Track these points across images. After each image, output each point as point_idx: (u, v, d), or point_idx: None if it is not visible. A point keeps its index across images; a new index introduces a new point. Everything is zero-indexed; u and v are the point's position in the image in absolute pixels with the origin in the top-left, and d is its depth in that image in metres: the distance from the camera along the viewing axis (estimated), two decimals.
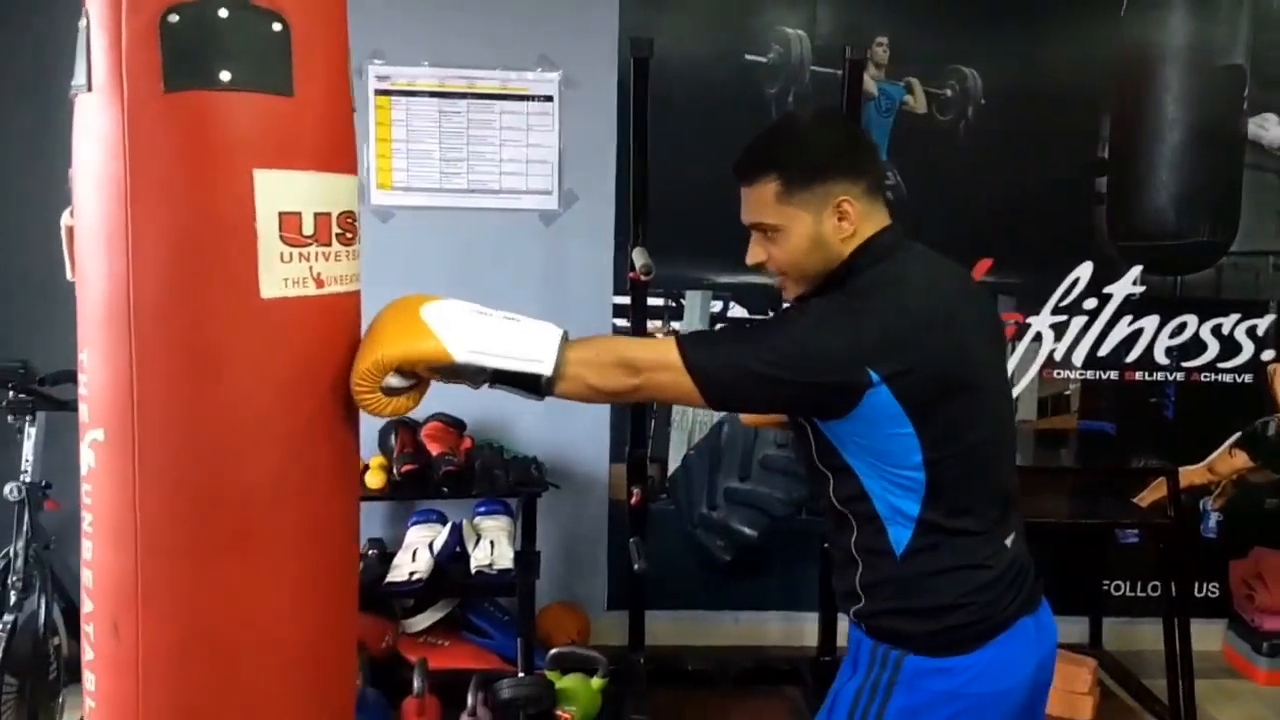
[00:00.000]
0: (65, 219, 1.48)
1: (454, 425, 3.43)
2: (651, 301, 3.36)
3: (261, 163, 1.31)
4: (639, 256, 2.95)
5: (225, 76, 1.28)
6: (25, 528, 2.71)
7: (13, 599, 2.67)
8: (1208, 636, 3.70)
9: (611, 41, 3.48)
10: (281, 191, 1.33)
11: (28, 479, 2.72)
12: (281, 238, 1.33)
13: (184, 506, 1.34)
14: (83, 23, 1.32)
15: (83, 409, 1.39)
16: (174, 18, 1.26)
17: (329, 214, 1.39)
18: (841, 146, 1.61)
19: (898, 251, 1.58)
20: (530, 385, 1.45)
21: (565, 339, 1.46)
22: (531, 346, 1.43)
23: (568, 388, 1.46)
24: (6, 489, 2.71)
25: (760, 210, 1.61)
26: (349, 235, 1.43)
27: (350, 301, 1.46)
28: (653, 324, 3.53)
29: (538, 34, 3.48)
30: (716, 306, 3.63)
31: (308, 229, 1.36)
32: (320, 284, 1.38)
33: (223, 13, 1.28)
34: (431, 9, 3.45)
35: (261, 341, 1.34)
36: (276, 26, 1.31)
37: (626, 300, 3.33)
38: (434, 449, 3.23)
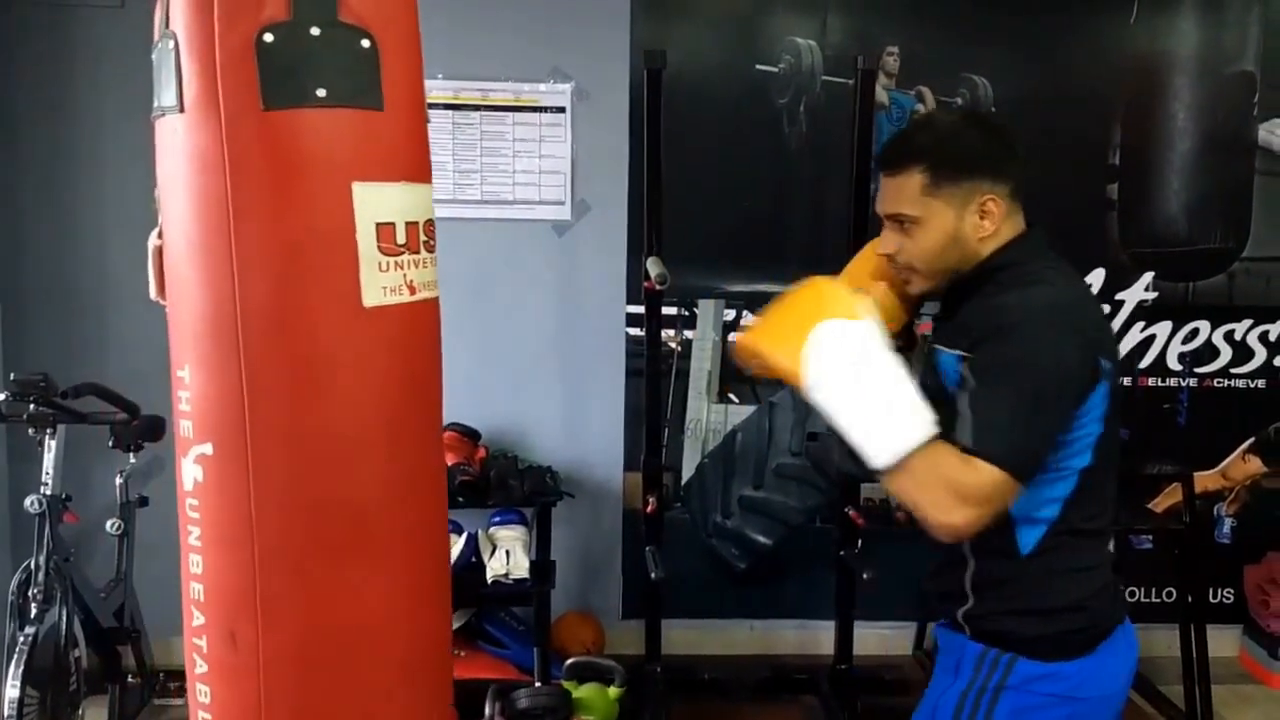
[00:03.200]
0: (153, 239, 1.48)
1: (469, 435, 3.45)
2: (664, 311, 3.37)
3: (358, 175, 1.36)
4: (653, 266, 2.96)
5: (321, 93, 1.32)
6: (46, 540, 2.72)
7: (34, 611, 2.68)
8: (1223, 642, 3.69)
9: (623, 53, 3.50)
10: (377, 203, 1.38)
11: (48, 492, 2.73)
12: (379, 247, 1.38)
13: (299, 514, 1.39)
14: (168, 44, 1.34)
15: (184, 425, 1.41)
16: (269, 37, 1.30)
17: (417, 223, 1.45)
18: (991, 145, 1.60)
19: (1048, 251, 1.60)
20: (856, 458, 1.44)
21: (920, 447, 1.39)
22: (880, 435, 1.40)
23: (892, 486, 1.43)
24: (27, 502, 2.72)
25: (901, 201, 1.59)
26: (431, 242, 1.49)
27: (435, 306, 1.53)
28: (666, 333, 3.55)
29: (550, 46, 3.51)
30: (729, 315, 3.64)
31: (400, 238, 1.41)
32: (413, 290, 1.44)
33: (315, 31, 1.32)
34: (444, 23, 3.47)
35: (365, 349, 1.40)
36: (365, 43, 1.35)
37: (640, 310, 3.34)
38: (449, 459, 3.24)
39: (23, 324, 3.46)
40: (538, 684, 3.01)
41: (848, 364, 1.41)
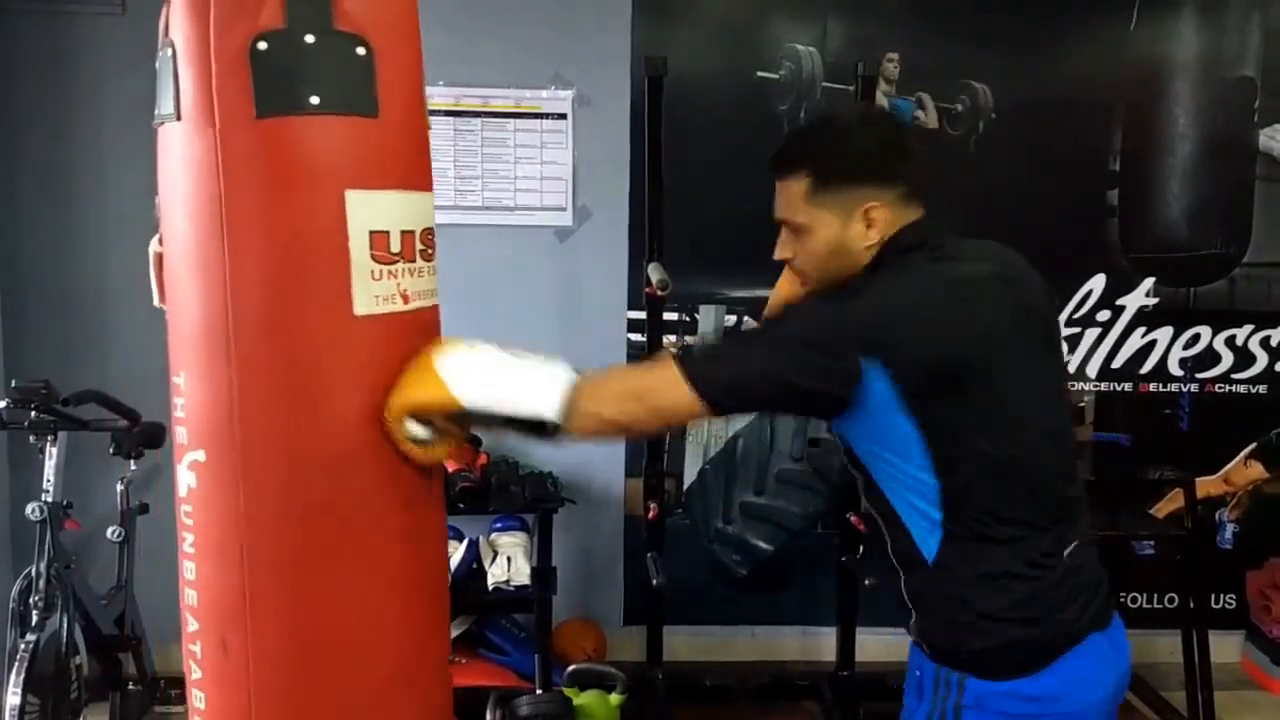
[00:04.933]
0: (154, 246, 1.48)
1: (470, 441, 3.44)
2: (666, 316, 3.37)
3: (352, 183, 1.36)
4: (655, 272, 2.96)
5: (315, 100, 1.32)
6: (47, 548, 2.71)
7: (35, 619, 2.68)
8: (1225, 648, 3.68)
9: (624, 60, 3.50)
10: (371, 211, 1.38)
11: (49, 499, 2.73)
12: (372, 256, 1.38)
13: (289, 521, 1.39)
14: (167, 53, 1.34)
15: (180, 431, 1.41)
16: (263, 45, 1.30)
17: (413, 231, 1.44)
18: (877, 149, 1.53)
19: (915, 251, 1.50)
20: (540, 430, 1.44)
21: (574, 383, 1.44)
22: (538, 392, 1.42)
23: (579, 427, 1.44)
24: (29, 509, 2.72)
25: (789, 207, 1.55)
26: (429, 251, 1.48)
27: (432, 315, 1.52)
28: (668, 339, 3.55)
29: (551, 53, 3.51)
30: (730, 320, 3.64)
31: (395, 247, 1.41)
32: (406, 300, 1.44)
33: (309, 39, 1.31)
34: (445, 29, 3.47)
35: (356, 357, 1.40)
36: (361, 51, 1.35)
37: (642, 315, 3.34)
38: (450, 465, 3.24)
39: (24, 331, 3.46)
40: (539, 691, 3.01)
41: (488, 359, 1.44)
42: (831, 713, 3.33)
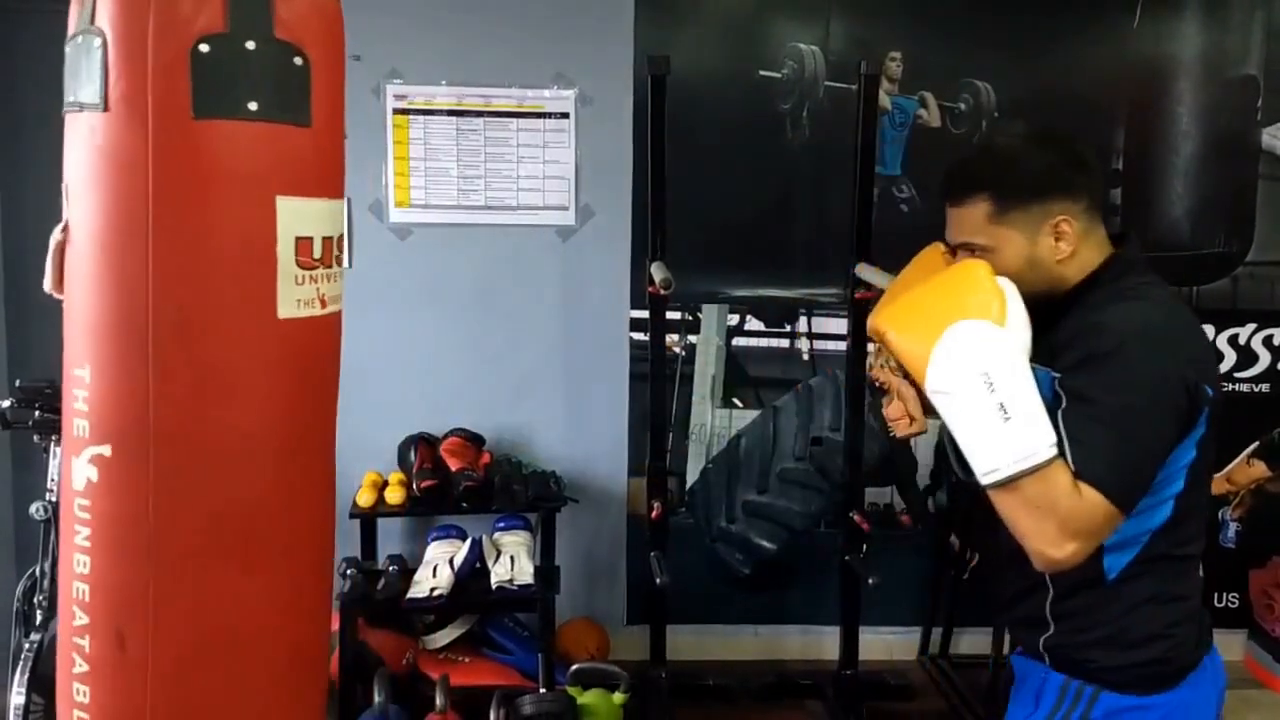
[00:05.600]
0: (57, 234, 1.45)
1: (473, 441, 3.45)
2: (669, 315, 3.36)
3: (282, 190, 1.39)
4: (658, 271, 2.96)
5: (252, 106, 1.35)
6: (51, 547, 2.72)
7: (39, 619, 2.68)
8: (1229, 647, 3.66)
9: (627, 58, 3.51)
10: (299, 217, 1.41)
11: (53, 499, 2.73)
12: (297, 261, 1.41)
13: (197, 518, 1.40)
14: (94, 41, 1.33)
15: (77, 424, 1.40)
16: (204, 47, 1.31)
17: (331, 237, 1.48)
18: (1058, 164, 1.53)
19: (1145, 266, 1.53)
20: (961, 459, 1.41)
21: (1045, 463, 1.34)
22: (992, 452, 1.35)
23: (1001, 506, 1.39)
24: (33, 508, 2.72)
25: (969, 230, 1.54)
26: (341, 256, 1.52)
27: (339, 319, 1.55)
28: (670, 337, 3.55)
29: (554, 52, 3.51)
30: (733, 320, 3.64)
31: (317, 253, 1.45)
32: (323, 304, 1.48)
33: (250, 45, 1.33)
34: (449, 29, 3.48)
35: (274, 359, 1.43)
36: (298, 60, 1.38)
37: (644, 314, 3.34)
38: (453, 465, 3.25)
39: (27, 331, 3.47)
40: (542, 690, 3.01)
41: (975, 372, 1.35)
42: (834, 712, 3.33)
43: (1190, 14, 3.64)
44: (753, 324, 3.66)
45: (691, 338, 3.66)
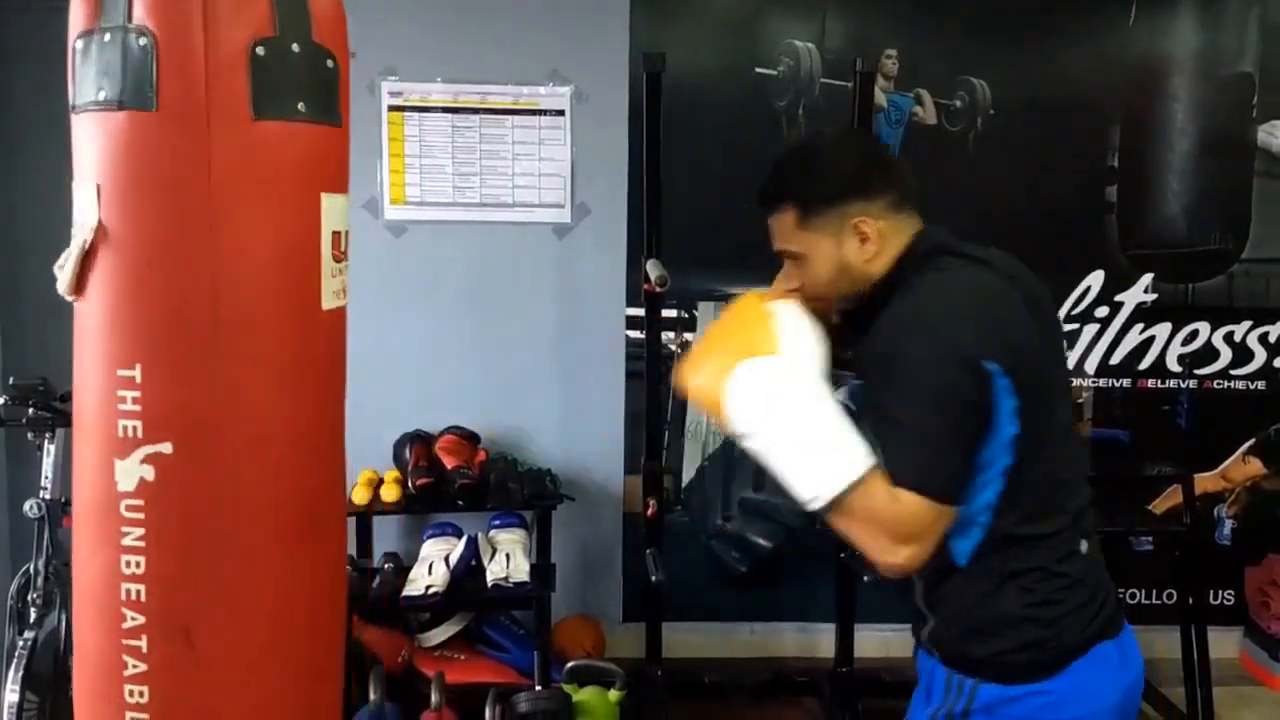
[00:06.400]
0: (86, 235, 1.38)
1: (469, 439, 3.45)
2: (664, 313, 3.37)
3: (324, 187, 1.46)
4: (653, 269, 2.96)
5: (301, 108, 1.41)
6: (45, 544, 2.72)
7: (33, 616, 2.69)
8: (1224, 644, 3.69)
9: (622, 56, 3.50)
10: (334, 213, 1.48)
11: (48, 496, 2.73)
12: (333, 255, 1.48)
13: (261, 509, 1.44)
14: (139, 40, 1.32)
15: (125, 425, 1.38)
16: (260, 50, 1.35)
17: (347, 231, 1.55)
18: (853, 167, 1.57)
19: (941, 256, 1.52)
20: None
21: (859, 480, 1.36)
22: (805, 478, 1.40)
23: (836, 527, 1.42)
24: (27, 506, 2.72)
25: (783, 238, 1.60)
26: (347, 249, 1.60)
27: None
28: (666, 335, 3.55)
29: (549, 49, 3.51)
30: None
31: (344, 245, 1.52)
32: (344, 296, 1.55)
33: (295, 48, 1.39)
34: (444, 26, 3.48)
35: (320, 349, 1.51)
36: (330, 63, 1.45)
37: (640, 312, 3.34)
38: (449, 463, 3.24)
39: (21, 328, 3.46)
40: (538, 687, 3.01)
41: (767, 408, 1.39)
42: (829, 709, 3.34)
43: (1186, 11, 3.64)
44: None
45: (687, 335, 3.66)
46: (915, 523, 1.37)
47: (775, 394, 1.40)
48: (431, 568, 3.06)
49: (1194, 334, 3.73)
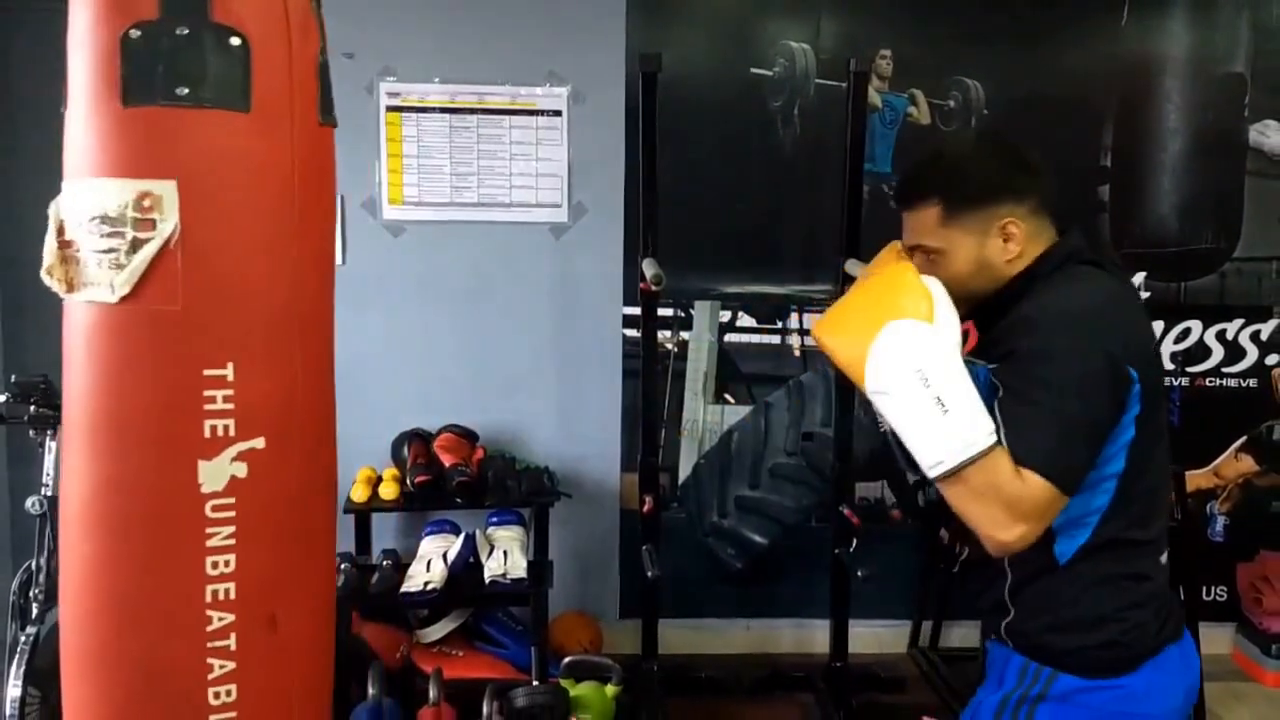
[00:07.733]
0: (166, 234, 1.31)
1: (466, 436, 3.47)
2: (661, 312, 3.39)
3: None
4: (649, 267, 2.98)
5: (333, 114, 1.53)
6: (47, 541, 2.73)
7: (35, 612, 2.70)
8: (1216, 640, 3.72)
9: (619, 56, 3.52)
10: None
11: (49, 493, 2.75)
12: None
13: (321, 494, 1.54)
14: (231, 39, 1.32)
15: (214, 425, 1.37)
16: (321, 59, 1.47)
17: None
18: (1004, 168, 1.61)
19: (1079, 255, 1.59)
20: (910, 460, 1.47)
21: (985, 451, 1.40)
22: (933, 446, 1.42)
23: (950, 497, 1.45)
24: (29, 503, 2.74)
25: (921, 234, 1.62)
26: None
27: None
28: (662, 334, 3.57)
29: (546, 50, 3.53)
30: (725, 316, 3.66)
31: None
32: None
33: (327, 60, 1.52)
34: (442, 27, 3.50)
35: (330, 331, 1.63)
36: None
37: (637, 311, 3.36)
38: (447, 460, 3.26)
39: (23, 326, 3.48)
40: (535, 683, 3.03)
41: (910, 370, 1.42)
42: (825, 704, 3.36)
43: (1178, 11, 3.66)
44: (744, 320, 3.67)
45: (684, 334, 3.68)
46: (1034, 503, 1.40)
47: (920, 357, 1.42)
48: (430, 564, 3.08)
49: (1186, 332, 3.76)
